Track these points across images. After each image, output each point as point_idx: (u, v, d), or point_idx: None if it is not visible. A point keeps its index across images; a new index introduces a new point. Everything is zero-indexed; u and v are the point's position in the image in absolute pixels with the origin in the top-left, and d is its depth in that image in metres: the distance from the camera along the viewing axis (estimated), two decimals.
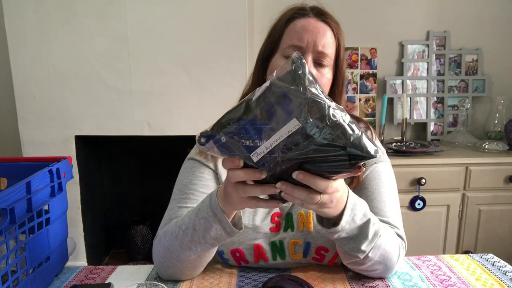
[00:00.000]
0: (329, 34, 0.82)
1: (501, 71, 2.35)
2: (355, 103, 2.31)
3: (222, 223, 0.70)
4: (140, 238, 2.18)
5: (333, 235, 0.71)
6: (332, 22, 0.83)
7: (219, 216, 0.70)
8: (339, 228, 0.69)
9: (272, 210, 0.86)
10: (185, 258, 0.77)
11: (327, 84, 0.83)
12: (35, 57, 1.84)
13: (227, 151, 0.58)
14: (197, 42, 1.84)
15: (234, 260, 0.87)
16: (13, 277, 0.69)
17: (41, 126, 1.89)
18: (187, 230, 0.75)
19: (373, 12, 2.28)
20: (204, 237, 0.73)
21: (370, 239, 0.72)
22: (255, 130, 0.55)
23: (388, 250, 0.77)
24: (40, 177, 0.78)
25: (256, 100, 0.55)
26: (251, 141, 0.56)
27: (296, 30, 0.82)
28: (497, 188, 1.97)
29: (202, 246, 0.75)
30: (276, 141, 0.55)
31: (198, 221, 0.73)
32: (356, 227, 0.71)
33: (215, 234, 0.72)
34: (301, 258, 0.86)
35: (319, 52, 0.80)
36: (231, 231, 0.71)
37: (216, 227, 0.71)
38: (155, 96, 1.89)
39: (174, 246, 0.77)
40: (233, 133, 0.56)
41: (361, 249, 0.72)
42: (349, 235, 0.71)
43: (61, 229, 0.88)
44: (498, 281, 0.81)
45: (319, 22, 0.82)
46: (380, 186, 0.86)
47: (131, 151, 2.31)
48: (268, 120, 0.55)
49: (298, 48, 0.80)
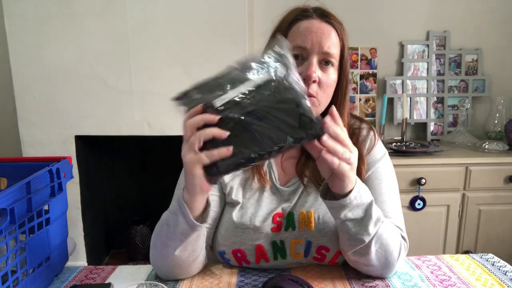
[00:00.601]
0: (333, 34, 0.81)
1: (501, 71, 2.35)
2: (355, 103, 2.31)
3: (184, 216, 0.71)
4: (140, 238, 2.18)
5: (341, 212, 0.72)
6: (336, 22, 0.83)
7: (182, 209, 0.71)
8: (347, 200, 0.70)
9: (274, 211, 0.86)
10: (166, 256, 0.78)
11: (332, 85, 0.83)
12: (35, 57, 1.84)
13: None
14: (197, 42, 1.84)
15: (236, 261, 0.87)
16: (13, 277, 0.69)
17: (41, 126, 1.89)
18: (162, 226, 0.78)
19: (373, 12, 2.28)
20: (175, 231, 0.74)
21: (375, 221, 0.73)
22: (231, 80, 0.63)
23: (389, 241, 0.77)
24: (40, 177, 0.78)
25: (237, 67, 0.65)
26: (220, 91, 0.63)
27: (300, 32, 0.81)
28: (497, 188, 1.97)
29: (174, 242, 0.75)
30: (246, 89, 0.62)
31: (170, 216, 0.75)
32: (362, 209, 0.72)
33: (181, 229, 0.73)
34: (302, 257, 0.86)
35: (325, 53, 0.80)
36: (192, 225, 0.72)
37: (182, 221, 0.72)
38: (155, 96, 1.88)
39: (157, 243, 0.80)
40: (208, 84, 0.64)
41: (368, 231, 0.73)
42: (355, 217, 0.72)
43: (61, 229, 0.88)
44: (498, 281, 0.81)
45: (323, 23, 0.82)
46: (382, 187, 0.86)
47: (131, 151, 2.31)
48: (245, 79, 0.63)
49: (302, 49, 0.80)
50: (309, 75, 0.78)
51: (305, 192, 0.86)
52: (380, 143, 0.92)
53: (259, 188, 0.87)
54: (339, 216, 0.73)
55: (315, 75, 0.78)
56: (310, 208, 0.85)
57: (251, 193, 0.87)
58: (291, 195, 0.87)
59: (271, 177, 0.89)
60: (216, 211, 0.87)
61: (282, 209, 0.86)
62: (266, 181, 0.87)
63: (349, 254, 0.80)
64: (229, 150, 0.62)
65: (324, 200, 0.74)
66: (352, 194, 0.70)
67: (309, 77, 0.78)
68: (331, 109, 0.68)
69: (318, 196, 0.85)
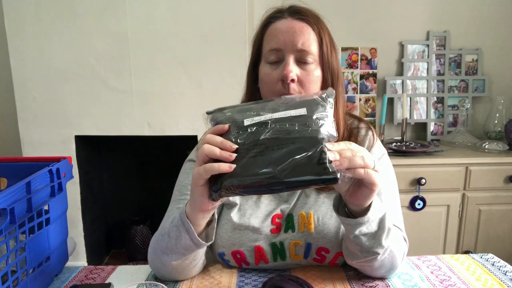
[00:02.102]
0: (307, 30, 0.80)
1: (501, 71, 2.35)
2: (355, 103, 2.31)
3: (189, 233, 0.70)
4: (140, 238, 2.18)
5: (356, 229, 0.69)
6: (310, 18, 0.81)
7: (186, 226, 0.70)
8: (365, 218, 0.67)
9: (272, 212, 0.85)
10: (166, 263, 0.78)
11: (316, 81, 0.81)
12: (35, 57, 1.84)
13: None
14: (197, 42, 1.84)
15: (235, 262, 0.87)
16: (13, 277, 0.69)
17: (41, 126, 1.89)
18: (164, 236, 0.76)
19: (373, 12, 2.28)
20: (176, 245, 0.73)
21: (387, 233, 0.71)
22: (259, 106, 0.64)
23: (396, 247, 0.77)
24: (40, 177, 0.78)
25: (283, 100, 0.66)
26: (254, 112, 0.63)
27: (273, 34, 0.81)
28: (497, 188, 1.97)
29: (176, 254, 0.75)
30: (277, 115, 0.62)
31: (172, 229, 0.74)
32: (376, 222, 0.70)
33: (184, 244, 0.72)
34: (302, 259, 0.86)
35: (299, 50, 0.78)
36: (197, 243, 0.71)
37: (185, 237, 0.71)
38: (155, 96, 1.89)
39: (157, 249, 0.79)
40: (243, 108, 0.65)
41: (382, 243, 0.71)
42: (369, 231, 0.70)
43: (61, 229, 0.88)
44: (498, 281, 0.81)
45: (294, 21, 0.80)
46: (381, 187, 0.86)
47: (131, 151, 2.31)
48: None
49: (277, 51, 0.79)
50: (285, 75, 0.77)
51: (304, 193, 0.86)
52: (379, 142, 0.91)
53: None
54: (353, 232, 0.70)
55: (292, 74, 0.77)
56: (309, 210, 0.84)
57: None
58: (290, 196, 0.87)
59: None
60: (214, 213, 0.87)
61: (281, 211, 0.85)
62: None
63: (354, 262, 0.79)
64: (230, 167, 0.59)
65: (338, 215, 0.71)
66: (370, 213, 0.67)
67: (285, 77, 0.77)
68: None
69: (317, 198, 0.85)
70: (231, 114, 0.65)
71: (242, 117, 0.63)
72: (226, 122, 0.64)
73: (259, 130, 0.61)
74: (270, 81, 0.81)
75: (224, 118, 0.65)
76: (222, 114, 0.65)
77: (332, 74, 0.82)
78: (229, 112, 0.65)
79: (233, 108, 0.66)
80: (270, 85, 0.81)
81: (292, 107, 0.63)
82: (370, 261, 0.75)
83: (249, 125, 0.62)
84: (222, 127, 0.63)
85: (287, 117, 0.62)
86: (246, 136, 0.61)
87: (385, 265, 0.78)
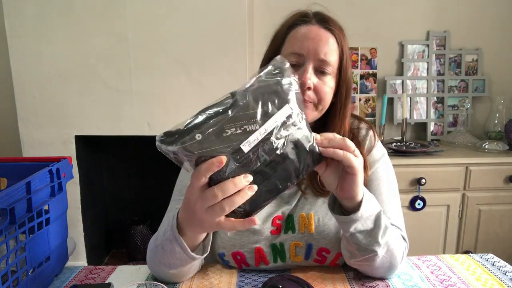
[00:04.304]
0: (331, 41, 0.80)
1: (501, 71, 2.35)
2: (355, 103, 2.31)
3: (182, 248, 0.69)
4: (140, 238, 2.18)
5: (351, 226, 0.70)
6: (335, 29, 0.81)
7: (178, 241, 0.69)
8: (358, 214, 0.68)
9: (273, 214, 0.85)
10: (164, 271, 0.78)
11: (329, 93, 0.81)
12: (35, 57, 1.83)
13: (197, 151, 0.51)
14: (197, 42, 1.84)
15: (235, 263, 0.87)
16: (13, 277, 0.69)
17: (41, 126, 1.89)
18: (157, 247, 0.75)
19: (373, 12, 2.28)
20: (172, 257, 0.72)
21: (383, 230, 0.72)
22: (247, 116, 0.52)
23: (394, 246, 0.77)
24: (40, 177, 0.78)
25: (244, 90, 0.54)
26: (241, 128, 0.51)
27: (298, 38, 0.80)
28: (497, 188, 1.97)
29: (172, 265, 0.74)
30: (271, 126, 0.53)
31: (165, 242, 0.72)
32: (372, 220, 0.71)
33: (179, 256, 0.71)
34: (302, 260, 0.86)
35: (321, 60, 0.79)
36: (192, 257, 0.70)
37: (179, 251, 0.70)
38: (155, 96, 1.88)
39: (154, 259, 0.78)
40: (215, 126, 0.51)
41: (378, 241, 0.72)
42: (365, 228, 0.71)
43: (61, 229, 0.88)
44: (498, 281, 0.81)
45: (321, 29, 0.81)
46: (381, 187, 0.86)
47: (131, 151, 2.31)
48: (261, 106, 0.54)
49: (299, 55, 0.79)
50: (303, 81, 0.77)
51: (304, 194, 0.86)
52: (379, 143, 0.91)
53: None
54: (348, 230, 0.71)
55: (310, 81, 0.77)
56: (310, 211, 0.84)
57: None
58: (290, 198, 0.87)
59: None
60: None
61: (281, 212, 0.85)
62: None
63: (353, 262, 0.79)
64: (252, 189, 0.56)
65: (333, 214, 0.72)
66: (362, 209, 0.68)
67: (303, 84, 0.77)
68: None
69: (317, 199, 0.85)
70: (207, 138, 0.52)
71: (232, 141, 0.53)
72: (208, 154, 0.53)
73: (261, 151, 0.55)
74: None
75: (206, 149, 0.52)
76: (196, 142, 0.52)
77: (347, 87, 0.83)
78: (199, 135, 0.52)
79: (199, 128, 0.52)
80: None
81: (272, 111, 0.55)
82: (369, 260, 0.76)
83: (250, 150, 0.53)
84: (220, 160, 0.53)
85: (277, 124, 0.55)
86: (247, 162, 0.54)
87: (384, 264, 0.78)
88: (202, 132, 0.51)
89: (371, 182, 0.86)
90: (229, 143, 0.52)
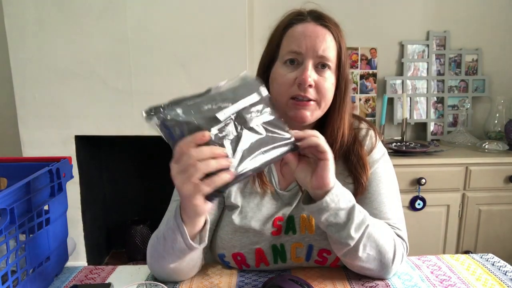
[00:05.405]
0: (328, 37, 0.80)
1: (501, 71, 2.35)
2: (355, 103, 2.31)
3: (182, 236, 0.69)
4: (140, 238, 2.18)
5: (321, 216, 0.72)
6: (331, 25, 0.82)
7: (180, 229, 0.69)
8: (324, 203, 0.70)
9: (274, 215, 0.85)
10: (164, 266, 0.78)
11: (331, 89, 0.82)
12: (35, 57, 1.84)
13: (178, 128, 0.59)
14: (197, 42, 1.84)
15: (235, 264, 0.87)
16: (13, 277, 0.69)
17: (41, 126, 1.89)
18: (159, 239, 0.76)
19: (373, 12, 2.28)
20: (172, 248, 0.72)
21: (358, 225, 0.73)
22: (220, 96, 0.62)
23: (380, 243, 0.76)
24: (40, 177, 0.78)
25: (217, 87, 0.65)
26: (215, 105, 0.61)
27: (295, 36, 0.81)
28: (497, 188, 1.97)
29: (171, 256, 0.74)
30: (240, 106, 0.63)
31: (167, 232, 0.73)
32: (343, 213, 0.72)
33: (179, 247, 0.71)
34: (303, 261, 0.86)
35: (320, 56, 0.79)
36: (190, 246, 0.70)
37: (179, 240, 0.70)
38: (155, 96, 1.87)
39: (154, 253, 0.78)
40: (194, 103, 0.60)
41: (351, 235, 0.73)
42: (337, 221, 0.72)
43: (61, 229, 0.88)
44: (498, 281, 0.81)
45: (317, 26, 0.81)
46: (380, 187, 0.85)
47: (131, 151, 2.31)
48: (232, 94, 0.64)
49: (297, 54, 0.79)
50: (304, 79, 0.77)
51: None
52: (379, 143, 0.91)
53: (259, 192, 0.87)
54: (320, 220, 0.73)
55: (310, 79, 0.78)
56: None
57: (250, 197, 0.87)
58: (291, 199, 0.87)
59: (271, 182, 0.88)
60: (214, 214, 0.87)
61: (282, 213, 0.85)
62: (267, 186, 0.86)
63: (341, 257, 0.80)
64: (231, 174, 0.58)
65: (304, 205, 0.74)
66: (328, 197, 0.70)
67: (304, 81, 0.77)
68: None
69: None
70: (187, 112, 0.59)
71: (209, 113, 0.60)
72: (189, 122, 0.59)
73: (236, 122, 0.62)
74: (284, 83, 0.81)
75: (183, 119, 0.59)
76: (176, 114, 0.59)
77: (345, 82, 0.84)
78: (180, 109, 0.59)
79: (180, 103, 0.60)
80: (284, 87, 0.81)
81: (242, 95, 0.65)
82: (350, 256, 0.77)
83: (225, 119, 0.61)
84: (202, 135, 0.58)
85: (248, 105, 0.65)
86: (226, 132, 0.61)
87: (371, 261, 0.77)
88: (182, 106, 0.60)
89: (371, 182, 0.85)
90: (207, 114, 0.60)
